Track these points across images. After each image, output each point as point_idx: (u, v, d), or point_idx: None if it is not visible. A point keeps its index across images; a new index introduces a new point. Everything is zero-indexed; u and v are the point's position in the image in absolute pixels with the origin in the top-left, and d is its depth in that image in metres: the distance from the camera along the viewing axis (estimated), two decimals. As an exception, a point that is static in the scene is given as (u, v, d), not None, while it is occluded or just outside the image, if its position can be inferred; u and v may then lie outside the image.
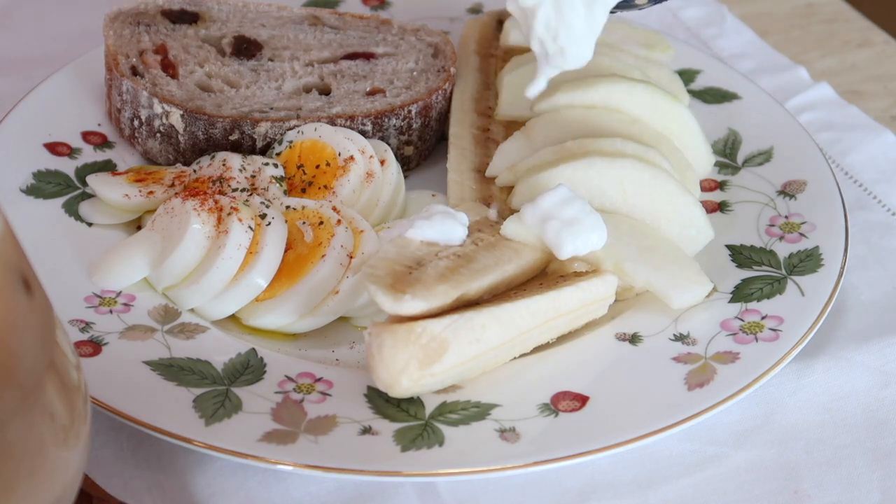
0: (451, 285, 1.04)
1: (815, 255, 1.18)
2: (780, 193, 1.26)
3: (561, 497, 1.03)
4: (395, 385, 1.01)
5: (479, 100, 1.34)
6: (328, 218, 1.17)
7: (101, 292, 1.14)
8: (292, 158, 1.25)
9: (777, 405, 1.10)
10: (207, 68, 1.33)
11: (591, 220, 1.09)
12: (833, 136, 1.41)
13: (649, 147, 1.20)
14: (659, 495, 1.03)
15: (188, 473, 1.03)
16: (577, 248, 1.09)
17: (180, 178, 1.23)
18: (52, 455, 0.78)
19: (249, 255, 1.14)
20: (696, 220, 1.18)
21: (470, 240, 1.10)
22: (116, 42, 1.33)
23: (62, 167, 1.27)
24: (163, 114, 1.27)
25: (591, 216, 1.10)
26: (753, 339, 1.10)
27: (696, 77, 1.42)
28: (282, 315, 1.13)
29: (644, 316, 1.13)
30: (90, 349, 1.07)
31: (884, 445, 1.08)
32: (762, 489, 1.04)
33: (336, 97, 1.31)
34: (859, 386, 1.12)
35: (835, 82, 1.51)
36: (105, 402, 1.02)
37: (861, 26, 1.65)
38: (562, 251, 1.09)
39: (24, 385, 0.76)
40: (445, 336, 1.02)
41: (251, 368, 1.08)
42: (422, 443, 1.01)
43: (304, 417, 1.03)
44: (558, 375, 1.07)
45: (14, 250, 0.77)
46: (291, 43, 1.38)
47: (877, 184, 1.34)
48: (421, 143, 1.33)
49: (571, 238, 1.09)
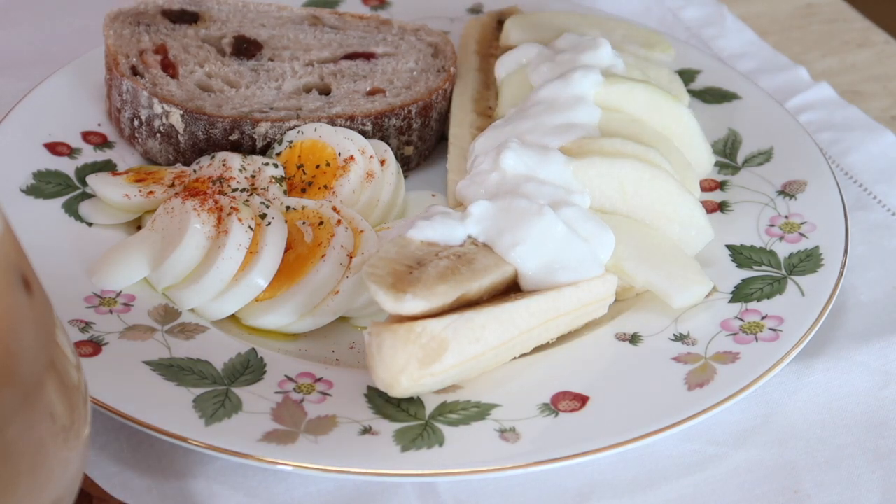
0: (452, 285, 1.04)
1: (815, 255, 1.18)
2: (780, 193, 1.26)
3: (561, 497, 1.03)
4: (394, 385, 1.01)
5: (479, 100, 1.34)
6: (328, 218, 1.17)
7: (101, 292, 1.14)
8: (292, 158, 1.25)
9: (777, 405, 1.10)
10: (207, 68, 1.33)
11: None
12: (833, 136, 1.41)
13: (649, 147, 1.20)
14: (659, 495, 1.03)
15: (188, 473, 1.03)
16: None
17: (180, 178, 1.23)
18: (52, 455, 0.78)
19: (249, 255, 1.14)
20: (696, 220, 1.18)
21: (470, 240, 1.10)
22: (116, 42, 1.33)
23: (62, 167, 1.27)
24: (163, 114, 1.27)
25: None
26: (753, 339, 1.10)
27: (696, 77, 1.42)
28: (282, 315, 1.13)
29: (644, 316, 1.13)
30: (90, 349, 1.07)
31: (884, 445, 1.08)
32: (762, 489, 1.04)
33: (336, 97, 1.31)
34: (859, 386, 1.12)
35: (835, 82, 1.51)
36: (105, 402, 1.02)
37: (861, 26, 1.65)
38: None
39: (24, 385, 0.76)
40: (445, 336, 1.02)
41: (251, 368, 1.08)
42: (422, 443, 1.01)
43: (304, 417, 1.03)
44: (558, 375, 1.07)
45: (14, 250, 0.77)
46: (291, 43, 1.38)
47: (877, 184, 1.34)
48: (421, 143, 1.33)
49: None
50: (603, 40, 1.29)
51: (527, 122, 1.22)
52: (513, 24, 1.40)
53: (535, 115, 1.22)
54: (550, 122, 1.21)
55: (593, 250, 1.11)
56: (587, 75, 1.23)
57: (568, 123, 1.21)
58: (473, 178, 1.17)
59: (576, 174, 1.16)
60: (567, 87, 1.23)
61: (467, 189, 1.17)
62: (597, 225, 1.12)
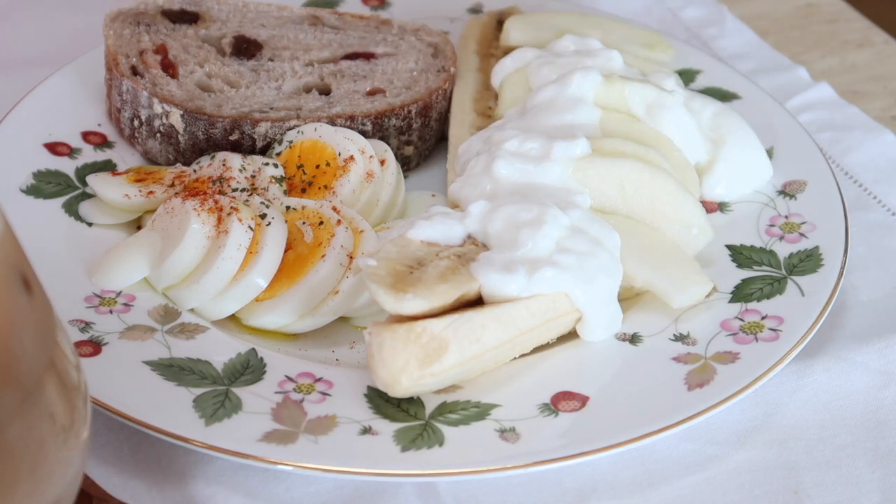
0: (452, 285, 1.04)
1: (815, 255, 1.18)
2: (780, 193, 1.26)
3: (561, 497, 1.03)
4: (395, 385, 1.01)
5: (479, 100, 1.34)
6: (328, 218, 1.17)
7: (101, 292, 1.14)
8: (292, 158, 1.25)
9: (777, 405, 1.10)
10: (207, 68, 1.33)
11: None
12: (833, 136, 1.41)
13: (649, 147, 1.20)
14: (659, 495, 1.03)
15: (188, 473, 1.03)
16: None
17: (180, 178, 1.23)
18: (52, 455, 0.78)
19: (249, 255, 1.14)
20: (696, 220, 1.18)
21: (470, 240, 1.10)
22: (116, 42, 1.33)
23: (62, 167, 1.27)
24: (163, 114, 1.27)
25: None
26: (753, 339, 1.10)
27: (696, 77, 1.42)
28: (282, 315, 1.13)
29: (644, 316, 1.13)
30: (90, 349, 1.07)
31: (884, 445, 1.08)
32: (762, 489, 1.04)
33: (336, 97, 1.31)
34: (859, 386, 1.12)
35: (835, 82, 1.51)
36: (105, 402, 1.02)
37: (861, 26, 1.65)
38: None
39: (24, 385, 0.76)
40: (445, 336, 1.02)
41: (251, 368, 1.08)
42: (422, 443, 1.01)
43: (304, 417, 1.03)
44: (558, 375, 1.07)
45: (14, 250, 0.77)
46: (291, 43, 1.38)
47: (877, 184, 1.34)
48: (421, 143, 1.33)
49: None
50: (615, 52, 1.29)
51: (527, 123, 1.22)
52: (513, 24, 1.40)
53: (534, 116, 1.22)
54: (550, 122, 1.21)
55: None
56: (587, 76, 1.23)
57: (568, 124, 1.21)
58: (466, 181, 1.17)
59: (575, 174, 1.16)
60: (567, 88, 1.23)
61: (460, 191, 1.17)
62: (602, 226, 1.12)
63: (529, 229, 1.08)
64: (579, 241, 1.09)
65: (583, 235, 1.10)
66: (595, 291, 1.08)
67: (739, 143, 1.27)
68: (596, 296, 1.08)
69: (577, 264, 1.07)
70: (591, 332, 1.09)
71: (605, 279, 1.09)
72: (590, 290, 1.07)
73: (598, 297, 1.08)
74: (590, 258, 1.08)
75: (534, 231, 1.08)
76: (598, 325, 1.09)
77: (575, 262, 1.07)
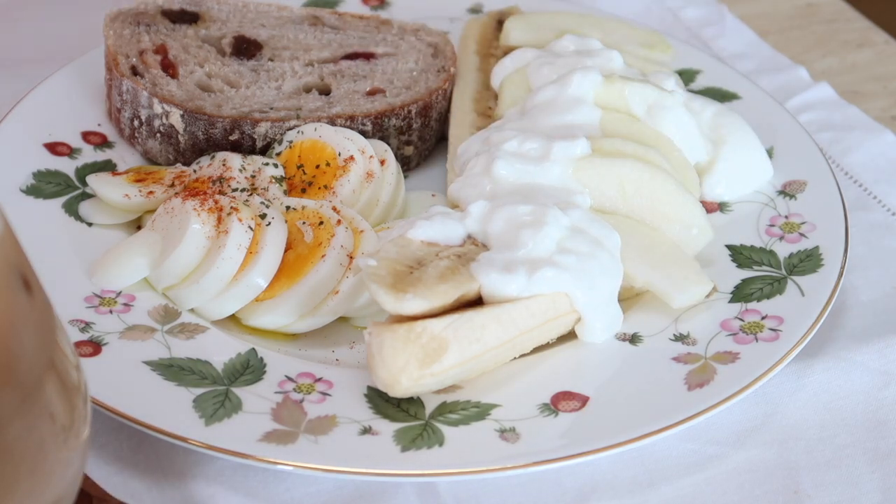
0: (452, 285, 1.04)
1: (815, 255, 1.18)
2: (780, 193, 1.26)
3: (561, 497, 1.03)
4: (395, 385, 1.01)
5: (479, 100, 1.34)
6: (328, 218, 1.17)
7: (101, 292, 1.14)
8: (292, 158, 1.25)
9: (777, 405, 1.10)
10: (207, 68, 1.33)
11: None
12: (833, 136, 1.41)
13: (649, 147, 1.20)
14: (659, 495, 1.03)
15: (188, 473, 1.03)
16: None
17: (180, 178, 1.23)
18: (52, 455, 0.78)
19: (249, 255, 1.14)
20: (696, 220, 1.18)
21: (470, 240, 1.10)
22: (116, 42, 1.33)
23: (62, 167, 1.27)
24: (163, 114, 1.27)
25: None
26: (753, 339, 1.10)
27: (696, 77, 1.42)
28: (282, 315, 1.13)
29: (644, 316, 1.13)
30: (90, 349, 1.07)
31: (884, 445, 1.08)
32: (762, 489, 1.04)
33: (336, 97, 1.31)
34: (859, 386, 1.12)
35: (835, 82, 1.51)
36: (105, 402, 1.02)
37: (861, 26, 1.65)
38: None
39: (24, 385, 0.76)
40: (445, 336, 1.02)
41: (251, 368, 1.08)
42: (422, 443, 1.01)
43: (304, 417, 1.03)
44: (558, 375, 1.07)
45: (14, 250, 0.77)
46: (291, 43, 1.38)
47: (877, 184, 1.34)
48: (421, 143, 1.33)
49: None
50: (615, 52, 1.29)
51: (527, 123, 1.22)
52: (513, 24, 1.40)
53: (534, 116, 1.22)
54: (550, 122, 1.21)
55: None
56: (587, 76, 1.23)
57: (568, 124, 1.21)
58: (466, 181, 1.17)
59: (575, 174, 1.16)
60: (567, 88, 1.23)
61: (460, 191, 1.17)
62: (602, 227, 1.12)
63: (529, 229, 1.08)
64: (579, 242, 1.09)
65: (583, 236, 1.10)
66: (595, 292, 1.08)
67: (739, 143, 1.27)
68: (596, 296, 1.08)
69: (578, 265, 1.07)
70: (591, 332, 1.09)
71: (605, 279, 1.09)
72: (590, 291, 1.07)
73: (598, 297, 1.08)
74: (590, 258, 1.08)
75: (534, 231, 1.08)
76: (599, 326, 1.09)
77: (575, 262, 1.07)
